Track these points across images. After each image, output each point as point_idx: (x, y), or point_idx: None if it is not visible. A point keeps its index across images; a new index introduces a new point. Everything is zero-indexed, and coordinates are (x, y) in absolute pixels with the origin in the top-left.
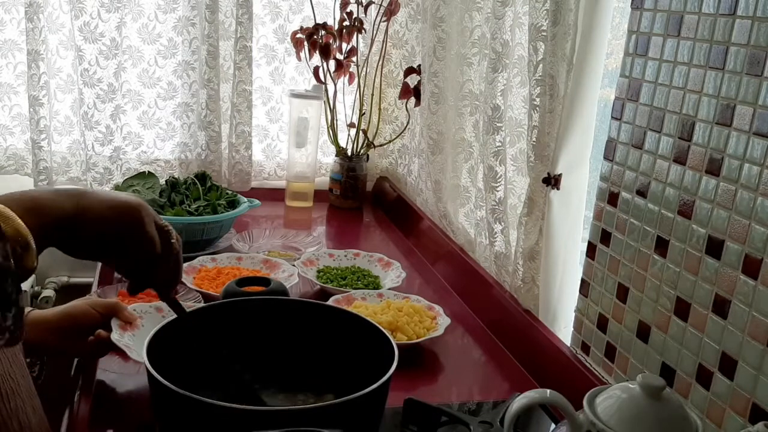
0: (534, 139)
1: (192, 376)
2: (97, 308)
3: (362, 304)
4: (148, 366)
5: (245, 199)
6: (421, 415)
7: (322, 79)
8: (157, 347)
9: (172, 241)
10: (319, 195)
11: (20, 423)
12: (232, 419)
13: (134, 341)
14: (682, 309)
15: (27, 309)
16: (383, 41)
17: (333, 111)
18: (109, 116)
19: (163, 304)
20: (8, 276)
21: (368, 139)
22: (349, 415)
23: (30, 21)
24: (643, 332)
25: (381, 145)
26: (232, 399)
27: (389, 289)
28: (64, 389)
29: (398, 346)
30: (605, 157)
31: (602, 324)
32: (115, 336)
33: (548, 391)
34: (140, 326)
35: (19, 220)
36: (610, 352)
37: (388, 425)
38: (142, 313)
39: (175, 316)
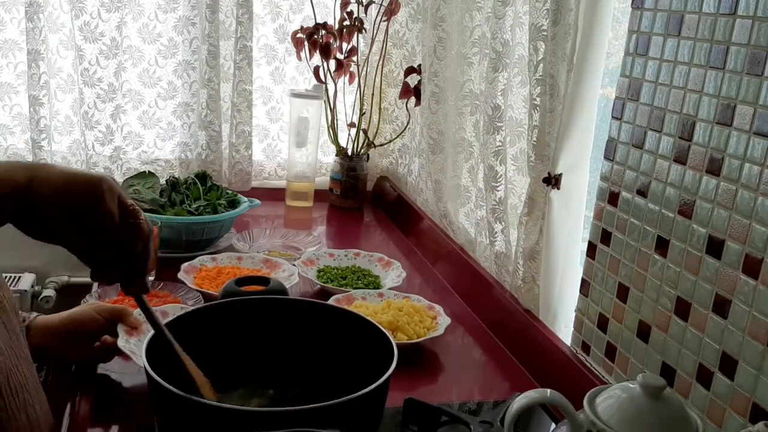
0: (534, 139)
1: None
2: (102, 313)
3: (362, 304)
4: (147, 367)
5: (245, 199)
6: (421, 414)
7: (323, 78)
8: (156, 348)
9: (140, 220)
10: (319, 195)
11: (28, 416)
12: (231, 420)
13: (139, 347)
14: (682, 309)
15: (33, 314)
16: (383, 41)
17: (333, 111)
18: (109, 116)
19: (169, 308)
20: None
21: (368, 138)
22: (349, 415)
23: (30, 21)
24: (644, 332)
25: (381, 145)
26: (231, 399)
27: (389, 288)
28: (64, 389)
29: (398, 345)
30: (605, 157)
31: (602, 324)
32: (122, 342)
33: (548, 390)
34: (146, 331)
35: None
36: (610, 351)
37: (388, 425)
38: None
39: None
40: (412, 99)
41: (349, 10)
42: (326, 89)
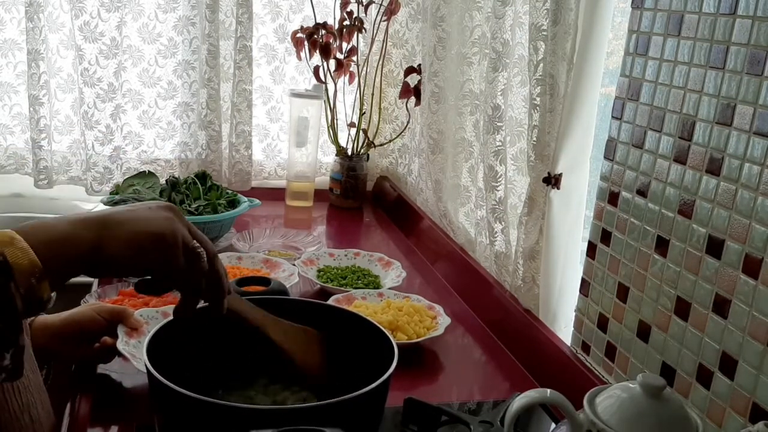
0: (534, 139)
1: (191, 375)
2: (102, 314)
3: (362, 304)
4: (148, 365)
5: (245, 199)
6: (421, 414)
7: (323, 78)
8: (157, 346)
9: (202, 261)
10: (319, 194)
11: (31, 417)
12: (231, 418)
13: (139, 349)
14: (682, 309)
15: None
16: (383, 41)
17: (333, 110)
18: (109, 116)
19: (169, 309)
20: (6, 317)
21: (368, 138)
22: (349, 414)
23: (30, 20)
24: (644, 332)
25: (381, 145)
26: (231, 398)
27: (389, 288)
28: (64, 389)
29: (398, 345)
30: (605, 157)
31: (602, 323)
32: (121, 345)
33: (548, 390)
34: (146, 332)
35: (32, 253)
36: (610, 351)
37: (388, 425)
38: (148, 319)
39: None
40: (412, 99)
41: (349, 9)
42: (326, 89)
